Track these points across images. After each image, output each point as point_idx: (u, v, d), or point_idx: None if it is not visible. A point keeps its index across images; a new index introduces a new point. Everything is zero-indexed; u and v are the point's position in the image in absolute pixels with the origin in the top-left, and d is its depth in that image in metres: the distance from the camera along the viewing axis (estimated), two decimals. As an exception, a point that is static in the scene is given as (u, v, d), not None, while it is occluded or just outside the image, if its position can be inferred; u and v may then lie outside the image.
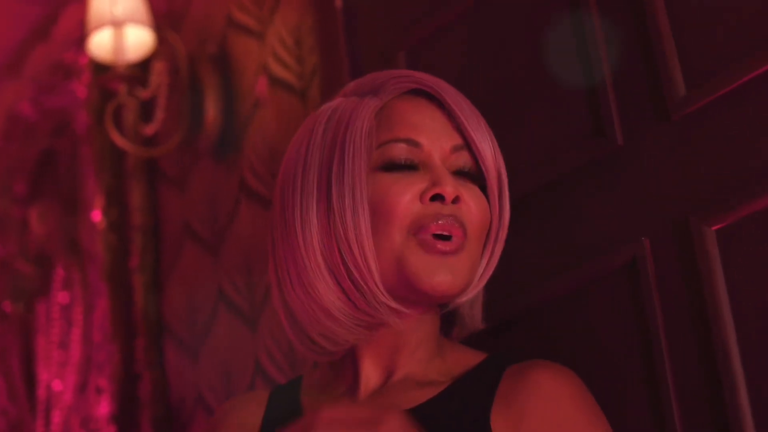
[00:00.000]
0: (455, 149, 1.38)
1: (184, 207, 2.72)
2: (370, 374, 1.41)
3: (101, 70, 2.69)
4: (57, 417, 3.07)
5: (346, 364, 1.44)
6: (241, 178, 2.46)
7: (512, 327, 1.60)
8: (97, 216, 2.90)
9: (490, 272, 1.43)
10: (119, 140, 2.61)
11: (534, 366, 1.35)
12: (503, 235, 1.43)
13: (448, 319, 1.48)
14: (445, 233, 1.33)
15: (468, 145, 1.39)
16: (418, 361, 1.41)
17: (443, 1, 1.83)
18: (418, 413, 1.30)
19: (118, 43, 2.52)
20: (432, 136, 1.37)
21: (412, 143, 1.36)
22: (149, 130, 2.65)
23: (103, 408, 2.79)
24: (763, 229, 1.32)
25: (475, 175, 1.40)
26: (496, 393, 1.32)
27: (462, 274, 1.35)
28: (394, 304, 1.34)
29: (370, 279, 1.33)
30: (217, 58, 2.58)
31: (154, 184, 2.86)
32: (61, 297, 3.14)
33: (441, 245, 1.33)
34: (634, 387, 1.43)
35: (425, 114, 1.39)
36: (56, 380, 3.09)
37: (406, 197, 1.34)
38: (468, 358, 1.42)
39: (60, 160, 3.24)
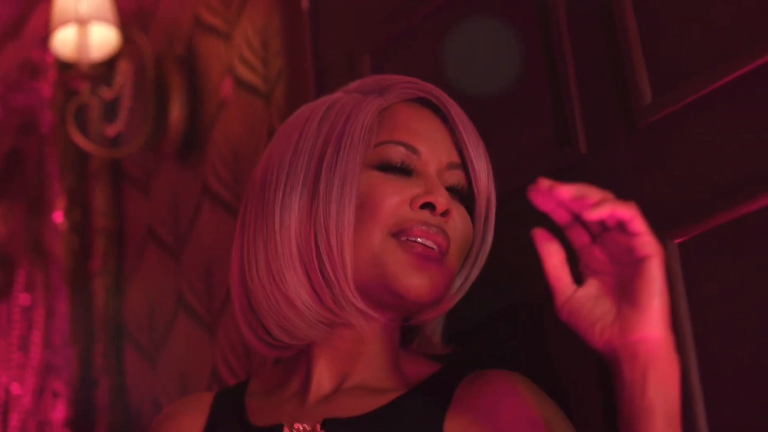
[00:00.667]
0: (451, 166, 1.35)
1: (148, 210, 2.66)
2: (323, 377, 1.35)
3: (66, 68, 2.61)
4: (14, 420, 2.99)
5: (300, 365, 1.38)
6: (204, 182, 2.39)
7: (470, 336, 1.54)
8: (59, 217, 2.82)
9: (461, 295, 1.39)
10: (80, 140, 2.54)
11: (490, 373, 1.31)
12: (482, 260, 1.39)
13: (409, 331, 1.43)
14: (428, 242, 1.28)
15: (465, 165, 1.36)
16: (375, 369, 1.35)
17: (408, 4, 1.78)
18: (369, 420, 1.27)
19: (82, 41, 2.45)
20: (431, 147, 1.34)
21: (411, 149, 1.32)
22: (111, 130, 2.58)
23: (59, 413, 2.71)
24: (726, 243, 1.26)
25: (464, 196, 1.36)
26: (452, 401, 1.27)
27: (439, 284, 1.30)
28: (361, 305, 1.28)
29: (341, 274, 1.27)
30: (184, 58, 2.52)
31: (118, 186, 2.79)
32: (22, 299, 3.06)
33: (423, 249, 1.28)
34: (590, 401, 1.37)
35: (428, 124, 1.36)
36: (15, 383, 3.02)
37: (396, 198, 1.29)
38: (424, 369, 1.37)
39: (26, 160, 3.17)
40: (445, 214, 1.30)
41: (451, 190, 1.34)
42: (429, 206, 1.29)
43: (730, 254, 1.26)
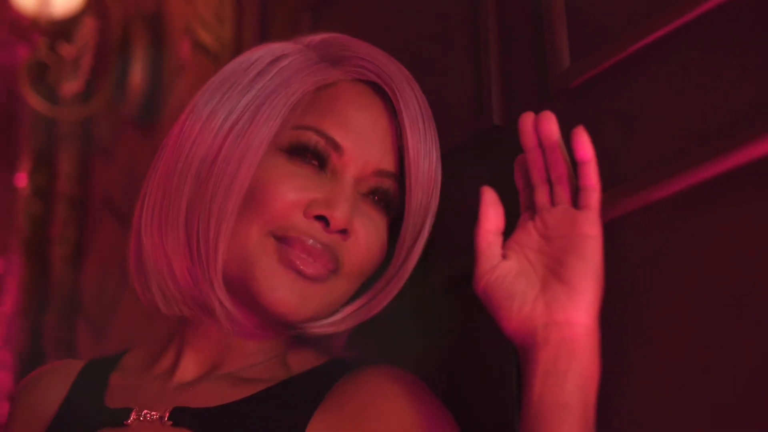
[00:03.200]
0: (380, 174, 1.14)
1: (110, 178, 2.52)
2: (191, 362, 1.20)
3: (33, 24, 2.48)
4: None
5: (172, 345, 1.23)
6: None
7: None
8: (22, 180, 2.70)
9: (366, 316, 1.19)
10: (32, 97, 2.40)
11: (370, 370, 1.13)
12: (396, 287, 1.19)
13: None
14: (309, 259, 1.09)
15: (402, 178, 1.15)
16: (253, 360, 1.19)
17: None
18: (221, 412, 1.11)
19: (44, -4, 2.32)
20: (361, 146, 1.13)
21: (334, 145, 1.12)
22: (67, 90, 2.44)
23: (5, 384, 2.59)
24: (646, 219, 1.08)
25: (391, 205, 1.16)
26: (326, 397, 1.10)
27: (313, 304, 1.12)
28: (228, 303, 1.11)
29: (212, 261, 1.10)
30: (151, 18, 2.37)
31: (86, 152, 2.66)
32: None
33: (301, 263, 1.09)
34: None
35: (370, 116, 1.15)
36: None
37: (291, 198, 1.10)
38: (309, 361, 1.19)
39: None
40: (344, 232, 1.11)
41: (375, 194, 1.15)
42: (324, 219, 1.10)
43: (649, 232, 1.08)
